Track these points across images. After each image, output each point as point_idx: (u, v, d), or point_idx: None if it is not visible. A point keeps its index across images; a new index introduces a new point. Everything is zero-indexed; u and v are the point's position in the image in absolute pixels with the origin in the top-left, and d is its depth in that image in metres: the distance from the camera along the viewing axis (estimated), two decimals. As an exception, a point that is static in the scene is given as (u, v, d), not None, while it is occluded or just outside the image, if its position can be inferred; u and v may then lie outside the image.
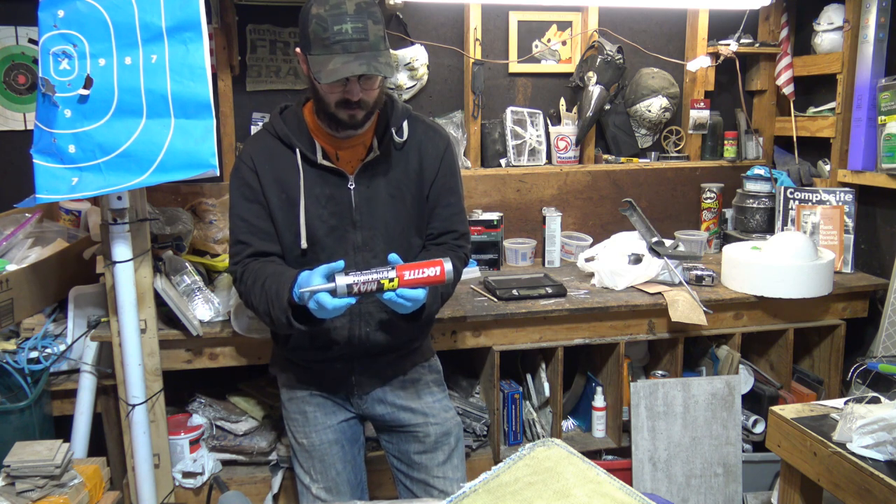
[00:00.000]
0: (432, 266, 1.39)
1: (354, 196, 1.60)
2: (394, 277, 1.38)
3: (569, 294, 2.37)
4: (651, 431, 2.30)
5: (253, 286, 1.55)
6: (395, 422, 1.73)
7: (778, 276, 2.33)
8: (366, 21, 1.42)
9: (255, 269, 1.57)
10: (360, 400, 1.72)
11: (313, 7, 1.44)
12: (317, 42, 1.43)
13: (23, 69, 2.58)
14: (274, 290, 1.49)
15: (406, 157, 1.64)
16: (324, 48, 1.42)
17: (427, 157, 1.65)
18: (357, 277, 1.37)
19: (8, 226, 2.30)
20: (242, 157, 1.62)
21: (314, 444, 1.73)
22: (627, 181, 2.95)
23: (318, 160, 1.58)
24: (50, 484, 1.63)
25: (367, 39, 1.42)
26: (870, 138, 2.55)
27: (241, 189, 1.61)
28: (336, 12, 1.42)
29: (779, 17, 2.94)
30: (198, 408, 2.39)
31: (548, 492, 1.04)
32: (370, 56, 1.42)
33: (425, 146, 1.66)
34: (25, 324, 2.18)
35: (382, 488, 2.24)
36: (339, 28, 1.41)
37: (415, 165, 1.64)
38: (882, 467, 1.42)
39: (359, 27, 1.41)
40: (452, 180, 1.70)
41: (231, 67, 2.58)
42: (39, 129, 1.67)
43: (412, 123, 1.66)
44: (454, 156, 1.71)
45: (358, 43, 1.42)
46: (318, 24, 1.42)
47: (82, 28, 1.63)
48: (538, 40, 2.89)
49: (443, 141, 1.69)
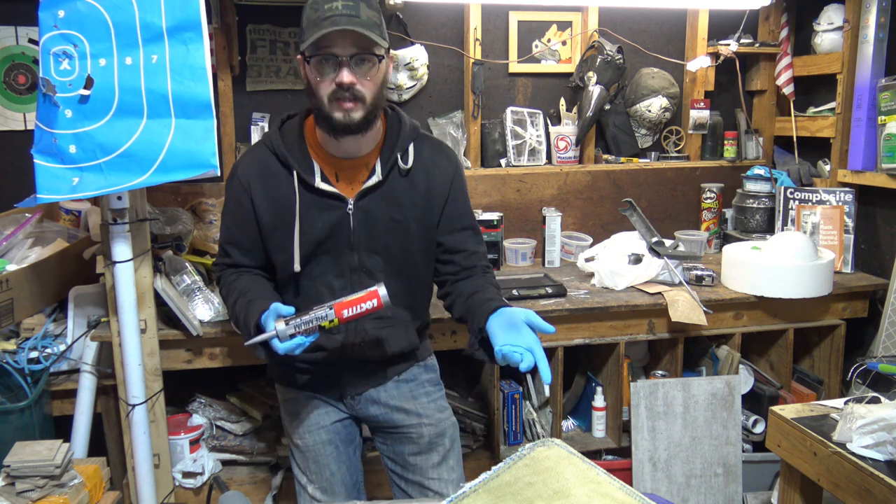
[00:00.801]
0: (369, 299, 1.38)
1: (353, 220, 1.54)
2: (333, 318, 1.37)
3: (569, 294, 2.37)
4: (651, 431, 2.30)
5: (226, 298, 1.60)
6: (389, 423, 1.72)
7: (778, 276, 2.33)
8: (358, 2, 1.38)
9: (229, 282, 1.60)
10: (353, 401, 1.71)
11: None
12: (308, 26, 1.39)
13: (23, 69, 2.58)
14: (243, 318, 1.49)
15: (411, 182, 1.57)
16: (314, 28, 1.38)
17: (435, 182, 1.59)
18: (298, 321, 1.36)
19: (8, 226, 2.30)
20: (238, 173, 1.58)
21: (308, 445, 1.73)
22: (627, 181, 2.95)
23: (316, 183, 1.52)
24: (50, 484, 1.63)
25: (357, 17, 1.37)
26: (870, 138, 2.55)
27: (231, 203, 1.60)
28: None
29: (779, 17, 2.94)
30: (198, 408, 2.40)
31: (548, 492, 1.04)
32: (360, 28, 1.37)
33: (432, 171, 1.59)
34: (25, 324, 2.18)
35: (382, 488, 2.24)
36: (329, 6, 1.37)
37: (421, 190, 1.57)
38: (882, 467, 1.42)
39: (349, 4, 1.37)
40: (464, 203, 1.64)
41: (231, 67, 2.58)
42: (40, 129, 1.67)
43: (418, 145, 1.59)
44: (463, 178, 1.65)
45: (348, 18, 1.36)
46: (311, 7, 1.40)
47: (83, 28, 1.63)
48: (538, 40, 2.89)
49: (451, 164, 1.62)
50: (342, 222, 1.54)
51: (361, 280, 1.58)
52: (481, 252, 1.67)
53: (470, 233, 1.65)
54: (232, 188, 1.59)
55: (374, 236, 1.56)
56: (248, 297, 1.52)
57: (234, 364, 2.16)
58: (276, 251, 1.57)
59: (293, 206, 1.53)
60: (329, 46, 1.39)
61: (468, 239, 1.65)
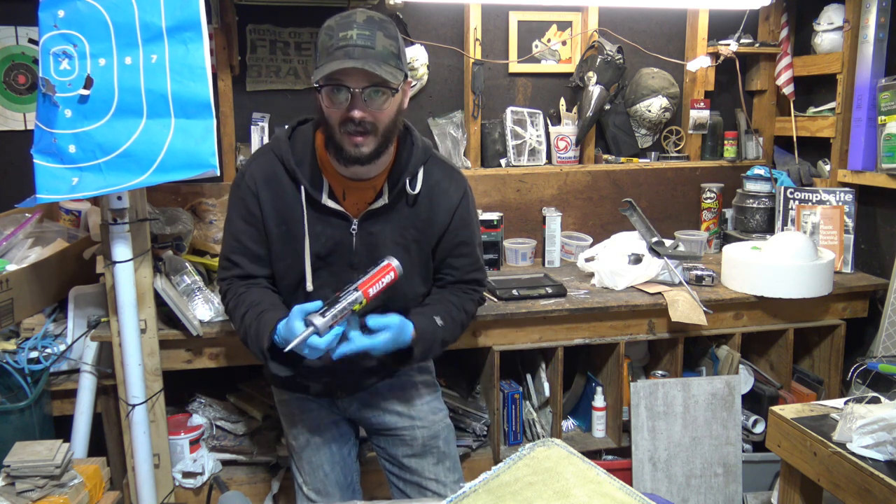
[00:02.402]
0: (386, 273, 1.43)
1: (356, 240, 1.53)
2: (361, 299, 1.39)
3: (569, 294, 2.37)
4: (651, 431, 2.30)
5: (234, 311, 1.54)
6: (382, 425, 1.72)
7: (778, 276, 2.33)
8: (375, 31, 1.35)
9: (238, 294, 1.55)
10: (347, 403, 1.71)
11: (325, 21, 1.39)
12: (322, 52, 1.36)
13: (23, 69, 2.58)
14: (254, 330, 1.46)
15: (416, 207, 1.56)
16: (327, 56, 1.35)
17: (438, 210, 1.57)
18: (333, 311, 1.37)
19: (8, 226, 2.30)
20: (245, 177, 1.55)
21: (302, 446, 1.73)
22: (627, 181, 2.95)
23: (323, 200, 1.50)
24: (50, 484, 1.63)
25: (373, 48, 1.33)
26: (870, 138, 2.55)
27: (239, 209, 1.55)
28: (345, 21, 1.36)
29: (779, 17, 2.94)
30: (198, 408, 2.39)
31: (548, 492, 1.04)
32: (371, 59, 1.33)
33: (438, 198, 1.57)
34: (25, 324, 2.18)
35: (383, 488, 2.23)
36: (344, 34, 1.34)
37: (424, 216, 1.57)
38: (882, 467, 1.42)
39: (365, 34, 1.33)
40: (465, 233, 1.62)
41: (231, 67, 2.58)
42: (40, 129, 1.67)
43: (428, 167, 1.56)
44: (469, 207, 1.63)
45: (362, 49, 1.33)
46: (326, 33, 1.37)
47: (82, 28, 1.63)
48: (538, 40, 2.89)
49: (457, 192, 1.59)
50: (344, 241, 1.54)
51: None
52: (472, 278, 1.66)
53: (467, 260, 1.65)
54: (240, 194, 1.55)
55: (375, 257, 1.54)
56: (259, 308, 1.49)
57: (234, 364, 2.16)
58: (279, 259, 1.56)
59: (301, 220, 1.51)
60: (341, 78, 1.36)
61: (462, 265, 1.65)
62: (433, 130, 2.83)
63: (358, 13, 1.37)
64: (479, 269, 1.68)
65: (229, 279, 1.59)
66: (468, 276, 1.66)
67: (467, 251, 1.64)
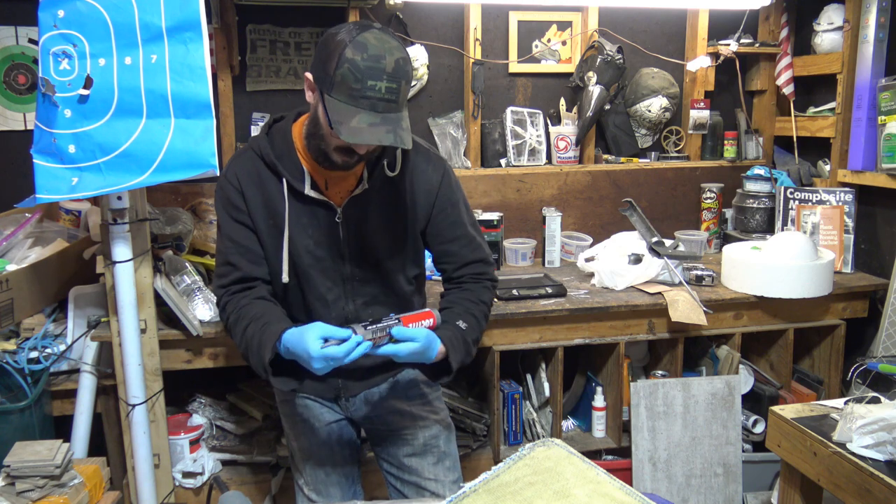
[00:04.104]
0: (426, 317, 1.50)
1: (342, 229, 1.53)
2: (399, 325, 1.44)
3: (569, 294, 2.37)
4: (651, 431, 2.30)
5: (235, 325, 1.51)
6: (383, 424, 1.72)
7: (778, 276, 2.33)
8: (400, 82, 1.33)
9: (239, 307, 1.52)
10: (348, 402, 1.71)
11: (348, 50, 1.30)
12: (343, 88, 1.31)
13: (23, 69, 2.58)
14: (256, 342, 1.44)
15: (397, 189, 1.55)
16: (350, 98, 1.31)
17: (420, 192, 1.57)
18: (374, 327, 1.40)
19: (8, 226, 2.30)
20: (227, 177, 1.54)
21: (303, 447, 1.73)
22: (627, 181, 2.95)
23: (306, 191, 1.50)
24: (50, 484, 1.63)
25: (395, 102, 1.33)
26: (870, 138, 2.55)
27: (228, 209, 1.54)
28: (374, 66, 1.30)
29: (779, 17, 2.94)
30: (198, 408, 2.40)
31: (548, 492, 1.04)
32: (395, 121, 1.33)
33: (418, 180, 1.56)
34: (25, 324, 2.18)
35: (382, 488, 2.23)
36: (373, 84, 1.30)
37: (407, 198, 1.56)
38: (882, 467, 1.42)
39: (392, 87, 1.31)
40: (453, 212, 1.61)
41: (231, 67, 2.58)
42: (39, 129, 1.67)
43: (406, 153, 1.55)
44: (452, 186, 1.61)
45: (386, 104, 1.32)
46: (352, 72, 1.30)
47: (82, 28, 1.63)
48: (538, 40, 2.89)
49: (437, 172, 1.58)
50: (332, 231, 1.53)
51: (354, 288, 1.58)
52: (473, 259, 1.64)
53: (462, 241, 1.63)
54: (226, 196, 1.54)
55: (364, 244, 1.54)
56: (262, 320, 1.46)
57: (234, 364, 2.15)
58: (270, 255, 1.55)
59: (283, 212, 1.50)
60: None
61: (460, 248, 1.63)
62: (433, 130, 2.83)
63: (388, 59, 1.31)
64: (477, 248, 1.65)
65: (228, 288, 1.55)
66: (470, 259, 1.64)
67: (460, 232, 1.62)
